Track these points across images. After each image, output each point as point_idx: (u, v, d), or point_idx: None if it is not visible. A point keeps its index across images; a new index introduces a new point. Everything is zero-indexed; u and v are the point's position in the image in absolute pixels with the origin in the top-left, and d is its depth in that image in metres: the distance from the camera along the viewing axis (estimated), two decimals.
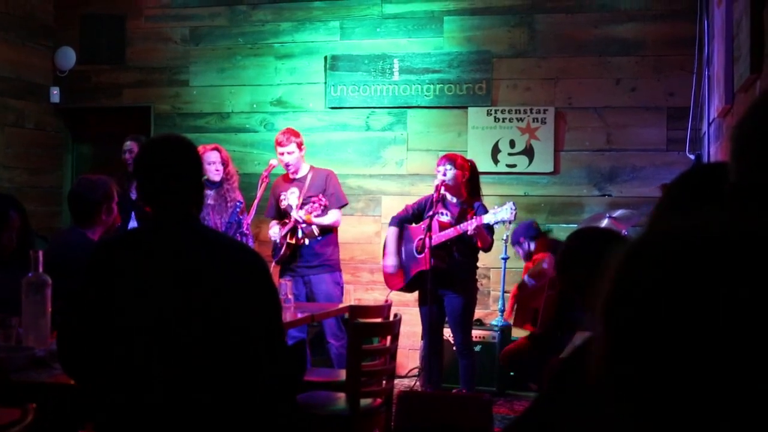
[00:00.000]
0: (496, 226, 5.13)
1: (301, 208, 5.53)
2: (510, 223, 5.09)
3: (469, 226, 5.01)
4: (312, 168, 5.77)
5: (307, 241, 5.57)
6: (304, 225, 5.49)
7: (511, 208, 4.94)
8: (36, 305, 3.06)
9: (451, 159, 5.27)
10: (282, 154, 5.63)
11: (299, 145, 5.65)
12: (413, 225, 5.44)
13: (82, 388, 2.45)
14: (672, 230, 0.66)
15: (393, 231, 5.45)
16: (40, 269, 3.07)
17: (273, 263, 5.64)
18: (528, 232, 6.02)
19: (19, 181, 7.15)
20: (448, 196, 5.30)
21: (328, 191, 5.61)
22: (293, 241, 5.54)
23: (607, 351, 0.65)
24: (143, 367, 2.24)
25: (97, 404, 2.31)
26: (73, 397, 2.64)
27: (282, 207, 5.73)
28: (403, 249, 5.42)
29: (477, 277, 5.45)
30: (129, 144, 6.23)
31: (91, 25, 7.52)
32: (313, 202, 5.43)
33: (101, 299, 2.27)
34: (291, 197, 5.68)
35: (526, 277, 5.76)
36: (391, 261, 5.39)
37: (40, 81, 7.45)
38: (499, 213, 4.97)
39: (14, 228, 3.64)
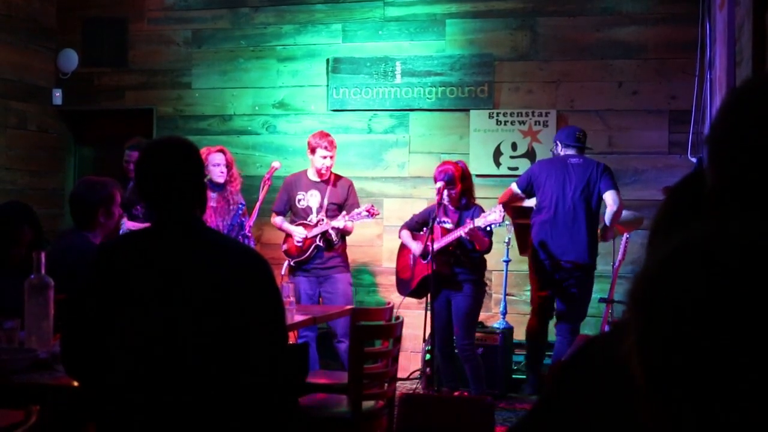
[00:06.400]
0: (494, 228, 5.18)
1: (326, 214, 5.69)
2: (499, 225, 5.14)
3: (463, 230, 5.13)
4: (332, 173, 5.86)
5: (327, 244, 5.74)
6: (334, 231, 5.64)
7: (500, 211, 5.06)
8: (38, 307, 3.05)
9: (447, 182, 5.27)
10: (325, 158, 5.72)
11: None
12: (419, 233, 5.53)
13: (85, 390, 2.45)
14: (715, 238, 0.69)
15: (406, 232, 5.58)
16: (43, 271, 3.07)
17: (290, 261, 5.79)
18: None
19: (21, 184, 7.17)
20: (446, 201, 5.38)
21: (349, 201, 5.81)
22: (323, 245, 5.70)
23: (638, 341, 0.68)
24: (145, 369, 2.24)
25: (99, 405, 2.32)
26: (75, 399, 2.64)
27: (299, 207, 5.82)
28: (411, 255, 5.52)
29: (485, 280, 5.51)
30: (129, 153, 6.04)
31: (93, 28, 7.53)
32: (359, 213, 5.58)
33: (103, 301, 2.28)
34: (312, 200, 5.80)
35: None
36: (416, 246, 5.44)
37: (43, 83, 7.46)
38: (489, 216, 5.06)
39: (25, 242, 3.64)
